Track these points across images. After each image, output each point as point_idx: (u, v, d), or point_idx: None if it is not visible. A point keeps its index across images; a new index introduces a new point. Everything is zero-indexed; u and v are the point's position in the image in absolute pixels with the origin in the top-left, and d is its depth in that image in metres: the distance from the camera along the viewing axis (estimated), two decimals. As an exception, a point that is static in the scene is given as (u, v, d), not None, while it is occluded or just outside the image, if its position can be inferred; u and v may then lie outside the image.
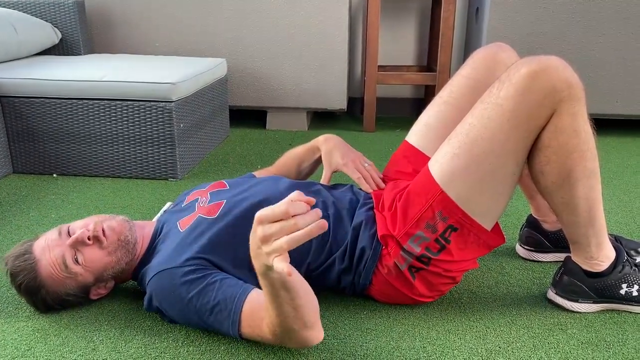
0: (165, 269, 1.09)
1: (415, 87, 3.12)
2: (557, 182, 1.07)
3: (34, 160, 2.10)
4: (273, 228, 0.79)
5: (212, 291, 1.04)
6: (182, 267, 1.07)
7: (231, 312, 1.02)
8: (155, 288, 1.10)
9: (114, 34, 2.72)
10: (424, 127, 1.35)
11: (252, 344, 1.08)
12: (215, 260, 1.10)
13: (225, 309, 1.02)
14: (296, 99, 2.73)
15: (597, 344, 1.09)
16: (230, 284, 1.05)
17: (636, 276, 1.17)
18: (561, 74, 1.01)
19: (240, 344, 1.09)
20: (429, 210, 1.11)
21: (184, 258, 1.09)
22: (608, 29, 2.43)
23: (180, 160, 2.06)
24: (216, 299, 1.03)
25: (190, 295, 1.05)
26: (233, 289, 1.04)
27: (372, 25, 2.59)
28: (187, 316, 1.07)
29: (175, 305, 1.07)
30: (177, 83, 1.97)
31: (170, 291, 1.07)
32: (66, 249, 1.12)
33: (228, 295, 1.03)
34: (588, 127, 1.05)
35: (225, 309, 1.03)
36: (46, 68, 2.14)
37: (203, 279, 1.06)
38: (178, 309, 1.08)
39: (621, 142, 2.53)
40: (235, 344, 1.09)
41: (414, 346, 1.09)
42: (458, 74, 1.33)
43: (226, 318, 1.03)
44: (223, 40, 2.67)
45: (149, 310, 1.14)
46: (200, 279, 1.06)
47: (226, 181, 1.31)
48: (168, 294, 1.08)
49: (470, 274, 1.36)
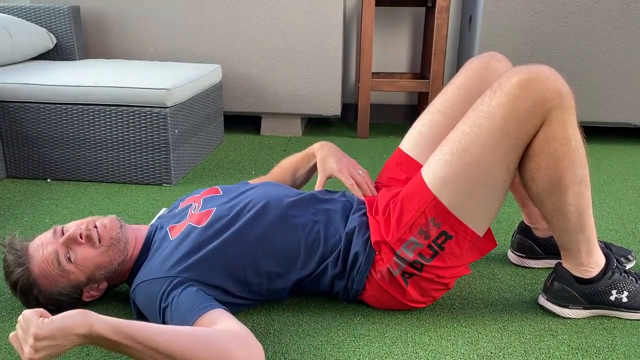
0: (148, 279, 1.10)
1: (409, 94, 3.14)
2: (548, 189, 1.09)
3: (28, 165, 2.10)
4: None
5: (172, 309, 1.05)
6: (163, 278, 1.09)
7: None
8: (138, 298, 1.12)
9: (108, 40, 2.72)
10: (418, 135, 1.36)
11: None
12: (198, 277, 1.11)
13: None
14: (290, 105, 2.74)
15: (587, 350, 1.11)
16: (185, 304, 1.04)
17: (626, 282, 1.19)
18: (551, 83, 1.03)
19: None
20: (421, 216, 1.13)
21: (167, 270, 1.10)
22: (599, 38, 2.47)
23: (175, 166, 2.06)
24: (176, 319, 1.03)
25: (162, 308, 1.06)
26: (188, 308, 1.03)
27: (366, 33, 2.61)
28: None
29: (152, 317, 1.09)
30: (171, 89, 1.98)
31: (149, 302, 1.09)
32: (59, 246, 1.12)
33: (181, 313, 1.03)
34: (578, 135, 1.07)
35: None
36: (41, 73, 2.14)
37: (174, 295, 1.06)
38: (154, 321, 1.08)
39: (611, 150, 2.56)
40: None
41: (407, 352, 1.10)
42: (451, 83, 1.34)
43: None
44: (218, 46, 2.68)
45: (138, 318, 1.14)
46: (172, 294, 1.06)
47: (220, 187, 1.32)
48: (147, 304, 1.10)
49: (462, 280, 1.37)
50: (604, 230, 1.66)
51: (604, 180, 2.14)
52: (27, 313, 0.87)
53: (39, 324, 0.85)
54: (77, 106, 2.01)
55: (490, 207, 1.13)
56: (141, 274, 1.13)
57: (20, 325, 0.87)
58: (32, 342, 0.85)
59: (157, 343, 0.90)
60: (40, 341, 0.85)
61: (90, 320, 0.88)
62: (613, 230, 1.67)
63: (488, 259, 1.49)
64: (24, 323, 0.87)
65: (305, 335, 1.15)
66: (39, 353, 0.85)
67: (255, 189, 1.26)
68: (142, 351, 0.90)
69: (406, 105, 3.15)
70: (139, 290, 1.12)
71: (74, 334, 0.87)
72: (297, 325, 1.18)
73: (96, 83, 2.00)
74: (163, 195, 1.96)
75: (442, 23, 2.58)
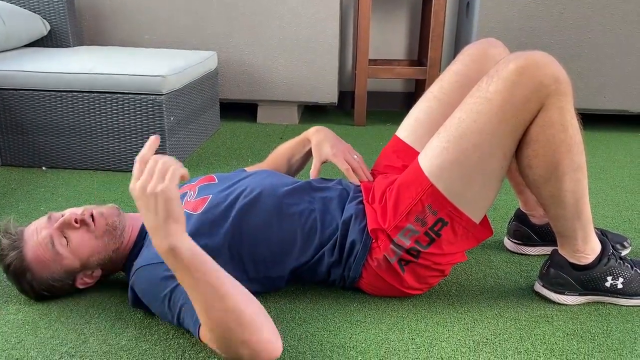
0: (148, 264, 1.09)
1: (406, 81, 3.13)
2: (545, 176, 1.09)
3: (22, 153, 2.09)
4: (143, 176, 0.88)
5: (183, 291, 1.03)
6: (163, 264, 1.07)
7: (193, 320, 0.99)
8: (138, 282, 1.10)
9: (103, 26, 2.70)
10: (414, 122, 1.36)
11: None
12: None
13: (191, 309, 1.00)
14: (287, 93, 2.73)
15: (582, 336, 1.11)
16: None
17: (621, 269, 1.19)
18: (548, 70, 1.02)
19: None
20: (418, 203, 1.12)
21: None
22: (596, 25, 2.45)
23: (171, 154, 2.05)
24: (185, 299, 1.01)
25: (166, 292, 1.04)
26: None
27: (363, 19, 2.59)
28: (163, 312, 1.07)
29: (153, 301, 1.07)
30: (167, 76, 1.96)
31: (150, 286, 1.07)
32: (54, 231, 1.12)
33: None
34: (575, 121, 1.07)
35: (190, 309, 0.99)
36: (35, 60, 2.12)
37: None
38: (156, 305, 1.07)
39: (608, 137, 2.56)
40: (226, 336, 1.09)
41: (403, 338, 1.10)
42: (448, 69, 1.34)
43: (190, 317, 1.00)
44: (214, 33, 2.66)
45: (133, 306, 1.14)
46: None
47: (216, 175, 1.31)
48: (148, 289, 1.08)
49: (458, 267, 1.37)
50: (600, 217, 1.67)
51: (600, 167, 2.14)
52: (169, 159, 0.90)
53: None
54: (72, 93, 1.99)
55: (487, 194, 1.13)
56: (139, 260, 1.12)
57: (150, 165, 0.90)
58: (172, 174, 0.88)
59: (218, 280, 0.90)
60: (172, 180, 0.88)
61: (184, 230, 0.89)
62: (609, 217, 1.67)
63: (484, 246, 1.49)
64: (161, 165, 0.89)
65: (301, 322, 1.15)
66: (172, 182, 0.88)
67: (250, 178, 1.26)
68: (199, 280, 0.89)
69: (403, 93, 3.14)
70: (138, 275, 1.10)
71: (172, 220, 0.87)
72: (293, 313, 1.18)
73: (91, 70, 1.98)
74: (159, 183, 1.95)
75: (439, 9, 2.56)
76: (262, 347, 0.92)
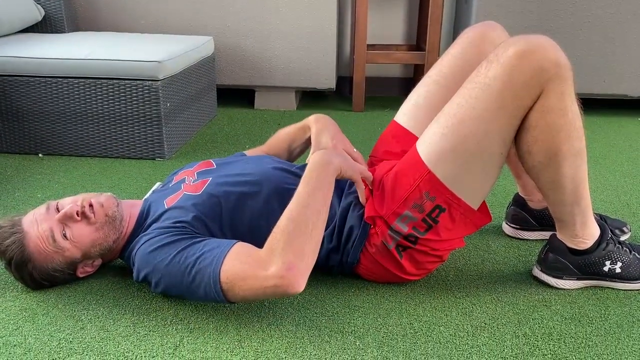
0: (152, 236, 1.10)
1: (404, 66, 3.11)
2: (544, 162, 1.08)
3: (19, 140, 2.08)
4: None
5: (200, 244, 1.06)
6: (169, 228, 1.09)
7: (215, 257, 1.02)
8: (144, 251, 1.09)
9: (99, 11, 2.67)
10: (413, 107, 1.35)
11: (241, 323, 1.09)
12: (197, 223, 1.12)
13: (210, 256, 1.03)
14: (285, 78, 2.71)
15: (580, 320, 1.12)
16: (216, 240, 1.08)
17: (619, 253, 1.19)
18: (549, 54, 1.01)
19: (229, 322, 1.09)
20: (416, 190, 1.12)
21: (172, 221, 1.11)
22: (596, 9, 2.43)
23: (168, 140, 2.04)
24: (202, 250, 1.04)
25: (177, 251, 1.05)
26: (220, 242, 1.06)
27: (361, 4, 2.56)
28: (170, 272, 1.06)
29: (160, 265, 1.06)
30: (163, 61, 1.95)
31: (157, 250, 1.07)
32: (55, 223, 1.12)
33: (215, 245, 1.05)
34: (575, 106, 1.06)
35: (209, 256, 1.02)
36: (30, 46, 2.09)
37: (190, 239, 1.07)
38: (162, 268, 1.06)
39: (608, 122, 2.55)
40: (224, 322, 1.10)
41: (401, 323, 1.10)
42: (447, 53, 1.32)
43: (209, 265, 1.02)
44: (210, 18, 2.63)
45: (138, 281, 1.13)
46: (187, 238, 1.07)
47: (214, 160, 1.30)
48: (154, 254, 1.07)
49: (456, 252, 1.37)
50: (599, 202, 1.67)
51: (599, 152, 2.13)
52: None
53: None
54: (68, 79, 1.98)
55: (486, 180, 1.12)
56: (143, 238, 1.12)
57: None
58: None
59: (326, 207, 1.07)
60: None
61: (340, 164, 1.12)
62: (608, 202, 1.67)
63: (482, 231, 1.49)
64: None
65: (299, 307, 1.15)
66: None
67: (250, 164, 1.25)
68: (327, 197, 1.08)
69: (402, 78, 3.12)
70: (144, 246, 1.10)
71: (341, 156, 1.15)
72: (292, 298, 1.18)
73: (87, 56, 1.96)
74: (156, 169, 1.94)
75: (438, -7, 2.54)
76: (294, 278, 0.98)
